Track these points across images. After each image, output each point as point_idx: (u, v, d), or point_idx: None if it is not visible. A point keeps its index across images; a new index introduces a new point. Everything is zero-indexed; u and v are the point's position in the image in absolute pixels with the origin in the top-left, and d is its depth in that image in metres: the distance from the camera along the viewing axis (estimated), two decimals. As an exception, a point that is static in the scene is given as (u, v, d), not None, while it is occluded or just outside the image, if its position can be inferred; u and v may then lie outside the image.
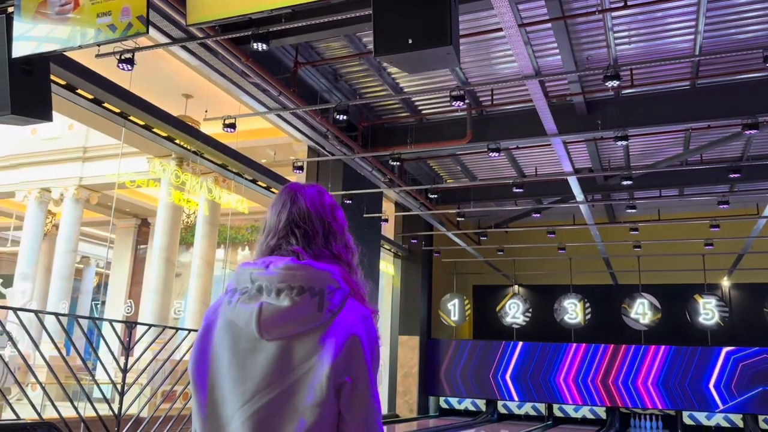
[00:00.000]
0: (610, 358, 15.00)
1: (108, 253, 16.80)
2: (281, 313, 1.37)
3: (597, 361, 15.05)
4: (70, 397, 7.07)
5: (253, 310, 1.38)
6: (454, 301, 16.83)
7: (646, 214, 14.47)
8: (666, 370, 14.48)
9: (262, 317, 1.37)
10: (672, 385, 14.38)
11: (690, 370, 14.35)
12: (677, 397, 14.29)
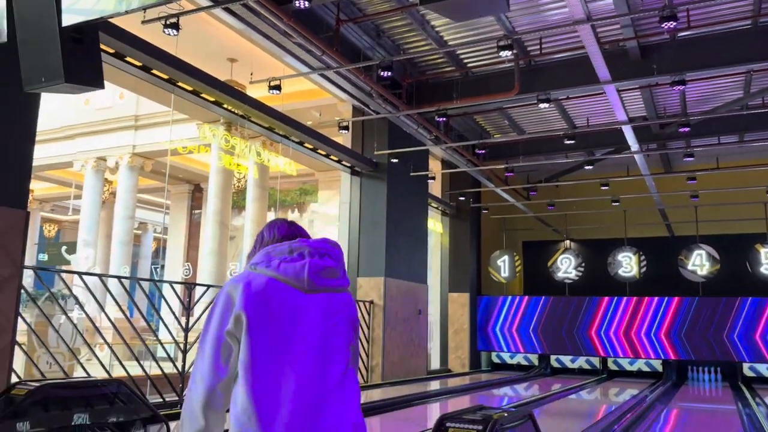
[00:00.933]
0: (666, 310, 14.71)
1: (164, 218, 17.32)
2: (327, 269, 1.77)
3: (653, 314, 14.79)
4: (136, 357, 7.42)
5: (305, 264, 1.73)
6: (503, 257, 16.73)
7: (704, 162, 13.92)
8: (724, 321, 14.13)
9: (310, 270, 1.73)
10: (731, 336, 14.04)
11: (749, 322, 13.97)
12: (736, 348, 13.96)
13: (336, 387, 1.66)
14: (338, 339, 1.75)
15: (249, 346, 1.61)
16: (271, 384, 1.59)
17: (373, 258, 11.54)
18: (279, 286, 1.68)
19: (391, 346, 11.49)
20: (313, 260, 1.75)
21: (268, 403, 1.55)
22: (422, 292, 13.02)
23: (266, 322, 1.63)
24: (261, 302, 1.65)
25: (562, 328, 15.52)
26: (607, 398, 11.12)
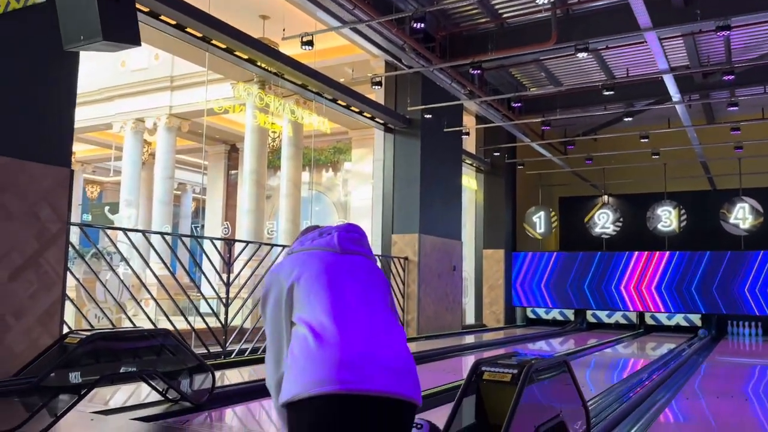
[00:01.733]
0: (706, 265, 14.47)
1: (203, 179, 17.62)
2: (354, 239, 2.00)
3: (692, 269, 14.57)
4: (181, 311, 7.68)
5: (333, 235, 1.97)
6: (539, 213, 16.59)
7: (749, 113, 13.45)
8: (766, 275, 13.86)
9: (340, 238, 1.95)
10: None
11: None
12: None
13: (382, 322, 1.80)
14: (376, 288, 1.92)
15: (305, 288, 1.80)
16: (331, 309, 1.74)
17: (408, 215, 11.58)
18: (316, 253, 1.91)
19: (426, 302, 11.62)
20: (341, 232, 1.98)
21: (333, 323, 1.69)
22: (457, 249, 13.06)
23: (313, 276, 1.82)
24: (304, 265, 1.86)
25: (598, 284, 15.43)
26: (644, 352, 11.10)
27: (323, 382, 1.58)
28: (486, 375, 2.95)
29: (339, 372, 1.59)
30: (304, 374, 1.61)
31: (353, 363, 1.61)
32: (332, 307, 1.73)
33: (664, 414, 5.30)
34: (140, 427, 4.01)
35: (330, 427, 1.58)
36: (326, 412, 1.57)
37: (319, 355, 1.62)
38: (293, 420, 1.63)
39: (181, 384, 4.76)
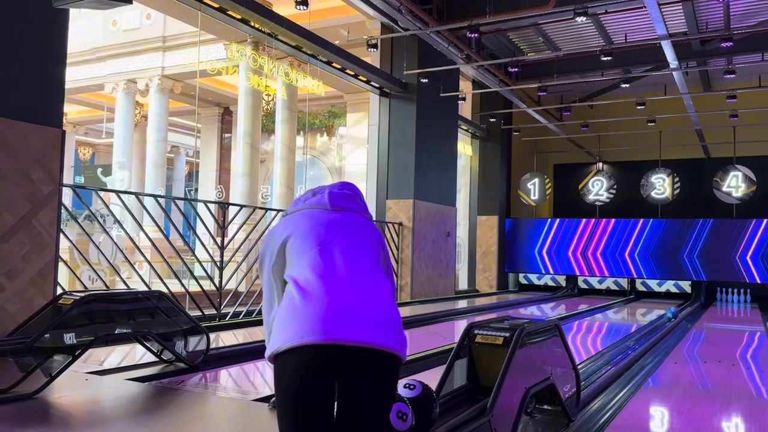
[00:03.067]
0: (697, 232, 14.58)
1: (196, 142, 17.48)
2: (346, 196, 2.00)
3: (684, 236, 14.68)
4: (176, 274, 7.69)
5: (325, 193, 1.98)
6: (534, 180, 16.61)
7: (746, 81, 13.38)
8: (759, 243, 13.97)
9: (331, 196, 1.97)
10: (763, 258, 13.91)
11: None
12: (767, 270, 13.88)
13: (369, 279, 1.82)
14: (366, 244, 1.94)
15: (294, 247, 1.86)
16: (317, 265, 1.78)
17: (403, 180, 11.56)
18: (307, 212, 1.94)
19: (419, 267, 11.68)
20: (333, 190, 2.01)
21: (319, 279, 1.74)
22: (451, 215, 13.08)
23: (302, 235, 1.86)
24: (295, 225, 1.90)
25: (591, 250, 15.54)
26: (634, 317, 11.24)
27: (306, 334, 1.60)
28: (478, 338, 2.99)
29: (322, 324, 1.61)
30: (288, 327, 1.64)
31: (336, 316, 1.63)
32: (318, 264, 1.75)
33: (653, 378, 5.40)
34: (135, 387, 4.05)
35: (311, 376, 1.61)
36: (308, 361, 1.60)
37: (303, 309, 1.65)
38: (277, 371, 1.67)
39: (176, 345, 4.80)
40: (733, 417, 4.20)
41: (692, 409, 4.32)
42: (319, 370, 1.62)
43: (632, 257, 15.12)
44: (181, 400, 3.85)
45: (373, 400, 1.67)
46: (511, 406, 2.79)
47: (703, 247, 14.50)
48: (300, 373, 1.62)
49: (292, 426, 1.61)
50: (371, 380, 1.67)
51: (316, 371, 1.62)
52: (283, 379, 1.65)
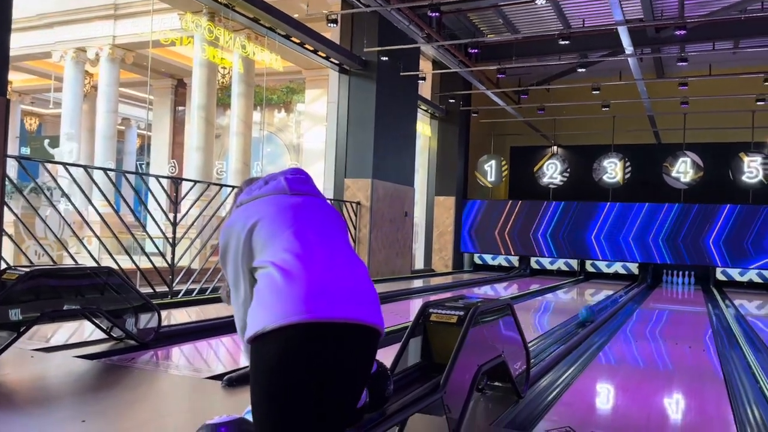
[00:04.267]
0: (647, 216, 15.03)
1: (148, 114, 17.00)
2: (302, 180, 2.00)
3: (633, 219, 15.12)
4: (126, 250, 7.51)
5: (280, 179, 1.97)
6: (491, 162, 16.79)
7: (697, 69, 13.76)
8: (702, 227, 14.51)
9: (288, 180, 1.97)
10: (706, 242, 14.46)
11: (726, 229, 14.35)
12: (710, 254, 14.43)
13: (344, 256, 1.85)
14: (333, 224, 1.95)
15: (263, 232, 1.82)
16: (294, 246, 1.75)
17: (361, 159, 11.52)
18: (266, 199, 1.91)
19: (377, 246, 11.72)
20: (287, 176, 1.98)
21: (297, 259, 1.70)
22: (409, 195, 13.13)
23: (269, 219, 1.82)
24: (258, 212, 1.86)
25: (543, 232, 15.86)
26: (583, 297, 11.56)
27: (290, 314, 1.58)
28: (433, 316, 3.01)
29: (305, 303, 1.61)
30: (271, 308, 1.61)
31: (319, 294, 1.63)
32: (294, 244, 1.74)
33: (600, 356, 5.57)
34: (83, 364, 3.96)
35: (298, 355, 1.59)
36: (294, 341, 1.58)
37: (285, 289, 1.63)
38: (258, 353, 1.62)
39: (127, 323, 4.70)
40: (676, 393, 4.37)
41: (637, 386, 4.47)
42: (306, 349, 1.60)
43: (584, 239, 15.50)
44: (132, 378, 3.78)
45: (353, 375, 1.68)
46: (464, 383, 2.83)
47: (650, 231, 14.96)
48: (287, 353, 1.59)
49: (273, 406, 1.58)
50: (353, 356, 1.67)
51: (302, 350, 1.60)
52: (266, 360, 1.61)
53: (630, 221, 15.16)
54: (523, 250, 16.10)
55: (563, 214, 15.74)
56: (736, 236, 14.24)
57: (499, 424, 3.29)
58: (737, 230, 14.24)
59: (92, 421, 2.88)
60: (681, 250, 14.69)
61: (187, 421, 1.55)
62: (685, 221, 14.70)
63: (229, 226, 1.89)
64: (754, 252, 14.06)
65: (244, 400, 1.90)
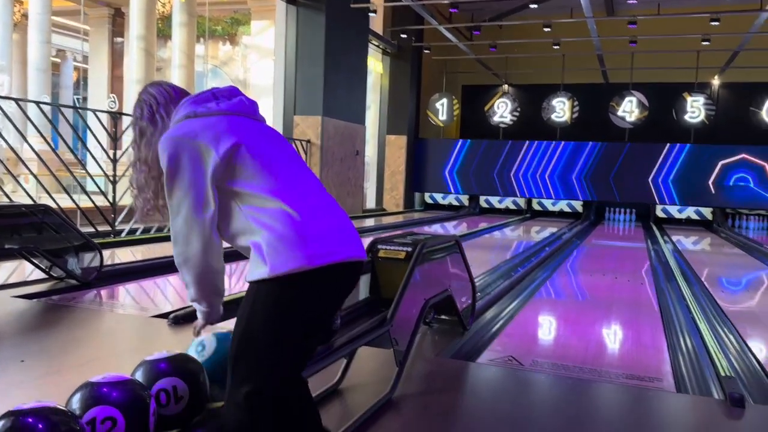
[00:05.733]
0: (591, 155, 15.37)
1: (83, 45, 16.10)
2: (254, 104, 1.82)
3: (577, 158, 15.44)
4: (66, 189, 7.23)
5: (241, 99, 1.77)
6: (442, 100, 16.70)
7: (646, 8, 13.84)
8: (644, 166, 14.95)
9: (249, 103, 1.79)
10: (647, 180, 14.94)
11: (667, 167, 14.83)
12: (650, 191, 14.94)
13: (326, 192, 1.78)
14: (298, 157, 1.82)
15: (250, 158, 1.64)
16: (296, 182, 1.68)
17: (311, 96, 11.26)
18: (234, 118, 1.70)
19: (327, 186, 11.63)
20: (244, 97, 1.78)
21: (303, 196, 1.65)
22: (360, 133, 12.99)
23: (254, 144, 1.66)
24: (233, 131, 1.65)
25: (492, 171, 16.06)
26: (529, 235, 11.86)
27: (321, 254, 1.58)
28: (381, 252, 3.02)
29: (332, 244, 1.61)
30: (297, 248, 1.55)
31: (337, 234, 1.64)
32: (294, 180, 1.67)
33: (542, 290, 5.75)
34: (22, 304, 3.85)
35: (328, 293, 1.64)
36: (324, 280, 1.59)
37: (308, 229, 1.58)
38: (284, 292, 1.57)
39: (68, 262, 4.57)
40: (614, 324, 4.57)
41: (577, 318, 4.65)
42: (333, 287, 1.64)
43: (529, 178, 15.79)
44: (74, 317, 3.70)
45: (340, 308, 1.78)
46: (410, 317, 2.87)
47: (595, 169, 15.33)
48: (318, 291, 1.60)
49: (291, 345, 1.57)
50: (351, 292, 1.75)
51: (329, 289, 1.63)
52: (297, 300, 1.57)
53: (576, 160, 15.48)
54: (472, 189, 16.31)
55: (511, 153, 15.93)
56: (676, 174, 14.75)
57: (445, 354, 3.37)
58: (679, 168, 14.74)
59: (32, 360, 2.82)
60: (624, 187, 15.14)
61: (132, 359, 1.52)
62: (628, 160, 15.10)
63: (180, 135, 1.64)
64: (699, 190, 14.63)
65: (190, 337, 1.87)
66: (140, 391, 1.37)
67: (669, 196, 14.85)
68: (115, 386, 1.34)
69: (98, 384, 1.34)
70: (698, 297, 5.43)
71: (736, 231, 13.39)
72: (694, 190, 14.69)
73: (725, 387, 2.85)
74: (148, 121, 1.78)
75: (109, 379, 1.36)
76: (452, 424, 2.38)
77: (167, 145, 1.65)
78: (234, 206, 1.64)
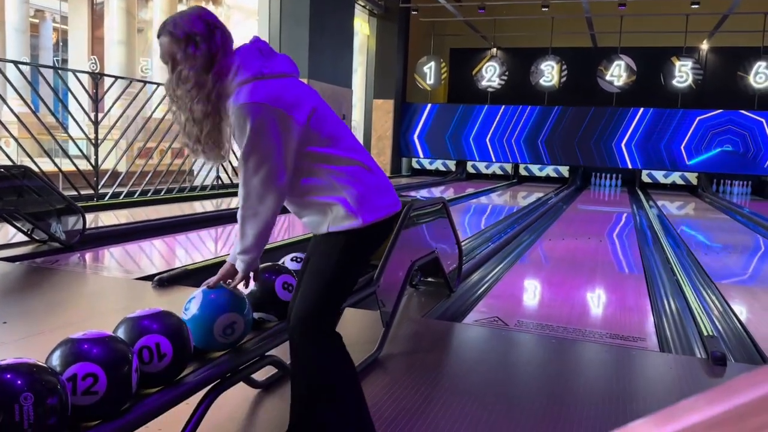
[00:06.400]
0: (579, 120, 15.34)
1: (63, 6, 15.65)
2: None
3: (564, 123, 15.42)
4: (48, 153, 7.10)
5: (288, 59, 1.85)
6: (430, 63, 16.50)
7: (637, -30, 13.68)
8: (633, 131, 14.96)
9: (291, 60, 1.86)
10: (637, 145, 14.97)
11: (656, 132, 14.86)
12: (641, 156, 14.99)
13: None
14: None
15: (323, 119, 1.76)
16: (355, 140, 1.83)
17: (295, 58, 11.04)
18: (293, 81, 1.77)
19: (313, 148, 11.50)
20: (284, 55, 1.84)
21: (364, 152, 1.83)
22: (346, 97, 12.83)
23: (321, 106, 1.77)
24: (302, 95, 1.74)
25: (481, 136, 16.00)
26: (515, 200, 11.88)
27: (391, 204, 1.80)
28: (367, 214, 3.00)
29: (393, 196, 1.84)
30: (374, 199, 1.76)
31: (391, 185, 1.86)
32: (352, 136, 1.85)
33: (528, 254, 5.78)
34: (4, 266, 3.80)
35: (383, 238, 1.86)
36: (386, 229, 1.83)
37: (380, 184, 1.80)
38: (356, 239, 1.75)
39: (51, 225, 4.51)
40: (598, 288, 4.61)
41: (562, 281, 4.69)
42: (387, 233, 1.87)
43: (513, 143, 15.76)
44: (58, 280, 3.67)
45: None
46: (397, 279, 2.87)
47: (581, 134, 15.33)
48: (379, 240, 1.83)
49: (350, 284, 1.84)
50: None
51: (385, 235, 1.86)
52: (364, 246, 1.79)
53: (561, 124, 15.45)
54: (460, 155, 16.26)
55: (501, 119, 15.86)
56: (662, 139, 14.79)
57: (431, 316, 3.39)
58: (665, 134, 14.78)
59: (14, 322, 2.79)
60: (610, 153, 15.17)
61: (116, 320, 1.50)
62: (616, 125, 15.09)
63: (260, 101, 1.65)
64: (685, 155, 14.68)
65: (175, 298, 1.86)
66: (122, 348, 1.35)
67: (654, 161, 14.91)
68: (96, 342, 1.32)
69: (79, 340, 1.32)
70: (682, 260, 5.48)
71: (720, 196, 13.51)
72: (675, 155, 14.75)
73: (708, 346, 2.89)
74: (220, 49, 1.73)
75: (90, 335, 1.34)
76: (438, 382, 2.40)
77: (249, 111, 1.66)
78: (313, 167, 1.74)
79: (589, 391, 2.42)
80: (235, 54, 1.75)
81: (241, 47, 1.77)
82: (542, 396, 2.36)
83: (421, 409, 2.17)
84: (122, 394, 1.34)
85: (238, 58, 1.73)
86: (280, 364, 1.99)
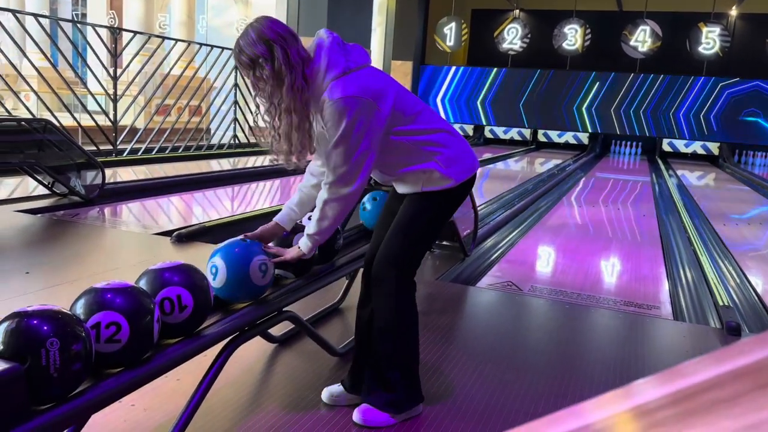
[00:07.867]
0: (601, 85, 15.07)
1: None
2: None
3: (587, 89, 15.16)
4: (67, 108, 7.13)
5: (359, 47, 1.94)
6: (450, 24, 16.20)
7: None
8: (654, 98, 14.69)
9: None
10: (656, 113, 14.71)
11: (677, 100, 14.58)
12: (662, 125, 14.74)
13: None
14: None
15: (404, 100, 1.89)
16: (430, 109, 2.00)
17: (314, 16, 10.92)
18: (373, 69, 1.90)
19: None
20: (356, 45, 1.94)
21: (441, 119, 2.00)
22: (364, 56, 12.67)
23: (401, 90, 1.92)
24: (383, 82, 1.86)
25: (499, 100, 15.80)
26: (533, 166, 11.78)
27: (474, 166, 1.96)
28: (384, 175, 3.00)
29: (473, 156, 1.98)
30: (462, 160, 1.91)
31: (470, 148, 2.00)
32: (431, 110, 1.99)
33: (543, 220, 5.76)
34: (26, 218, 3.86)
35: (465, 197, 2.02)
36: (468, 188, 1.97)
37: (465, 147, 1.95)
38: (449, 196, 1.92)
39: (70, 179, 4.56)
40: (614, 255, 4.59)
41: (577, 248, 4.68)
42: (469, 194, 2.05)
43: (537, 108, 15.55)
44: (78, 233, 3.73)
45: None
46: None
47: (604, 101, 15.07)
48: (463, 197, 1.98)
49: (429, 241, 2.04)
50: None
51: (467, 195, 2.05)
52: (454, 202, 1.96)
53: (585, 90, 15.20)
54: (477, 119, 16.09)
55: (519, 83, 15.63)
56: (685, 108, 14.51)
57: (445, 278, 3.41)
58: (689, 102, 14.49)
59: (37, 272, 2.85)
60: (628, 120, 14.93)
61: (136, 273, 1.54)
62: (637, 92, 14.82)
63: (354, 95, 1.75)
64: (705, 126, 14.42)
65: (193, 254, 1.89)
66: (144, 298, 1.38)
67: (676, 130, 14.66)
68: (120, 292, 1.35)
69: (103, 290, 1.35)
70: (700, 230, 5.44)
71: (742, 167, 13.29)
72: (702, 124, 14.48)
73: (723, 316, 2.88)
74: (284, 65, 1.74)
75: (114, 285, 1.37)
76: (451, 342, 2.43)
77: (345, 104, 1.75)
78: (402, 143, 1.88)
79: (601, 356, 2.44)
80: (319, 54, 1.81)
81: (323, 46, 1.82)
82: (554, 359, 2.38)
83: (435, 366, 2.21)
84: (144, 344, 1.37)
85: (324, 58, 1.80)
86: (297, 319, 2.02)
